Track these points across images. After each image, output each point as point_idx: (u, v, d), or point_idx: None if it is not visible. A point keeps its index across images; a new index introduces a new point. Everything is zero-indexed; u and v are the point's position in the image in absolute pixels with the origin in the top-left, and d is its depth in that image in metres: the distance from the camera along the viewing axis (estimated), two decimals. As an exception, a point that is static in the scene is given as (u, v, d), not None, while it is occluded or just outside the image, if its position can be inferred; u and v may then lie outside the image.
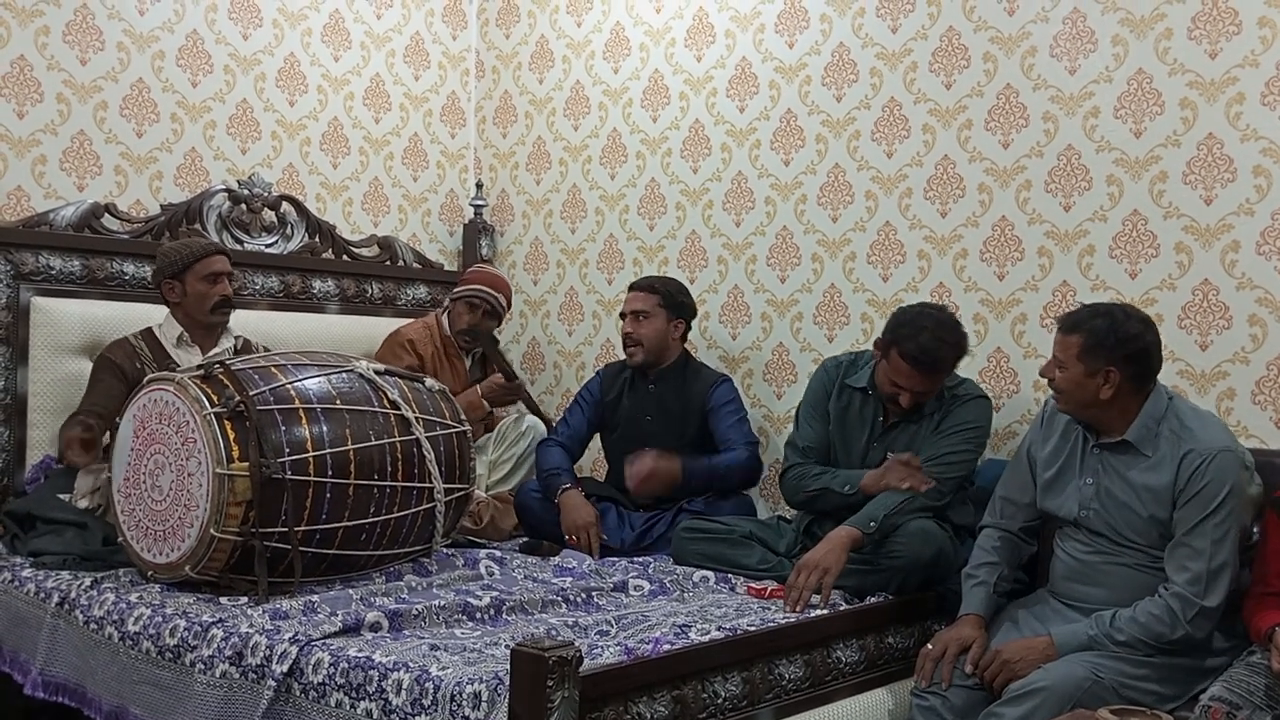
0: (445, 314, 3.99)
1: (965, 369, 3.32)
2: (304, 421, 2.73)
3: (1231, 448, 2.45)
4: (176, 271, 3.38)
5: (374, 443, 2.80)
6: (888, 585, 2.83)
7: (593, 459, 4.04)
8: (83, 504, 3.12)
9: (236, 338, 3.51)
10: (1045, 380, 2.62)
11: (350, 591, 2.66)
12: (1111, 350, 2.46)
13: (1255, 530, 2.52)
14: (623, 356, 3.70)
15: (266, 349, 3.47)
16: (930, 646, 2.58)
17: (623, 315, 3.65)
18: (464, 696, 2.03)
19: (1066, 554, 2.62)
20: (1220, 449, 2.42)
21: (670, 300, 3.60)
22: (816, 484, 3.06)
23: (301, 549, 2.67)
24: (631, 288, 3.67)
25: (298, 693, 2.25)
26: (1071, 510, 2.59)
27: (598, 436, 3.78)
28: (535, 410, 3.96)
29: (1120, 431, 2.52)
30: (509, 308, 4.06)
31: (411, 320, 4.07)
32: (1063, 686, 2.31)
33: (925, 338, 2.89)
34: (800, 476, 3.11)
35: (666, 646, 2.26)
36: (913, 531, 2.82)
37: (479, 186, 4.60)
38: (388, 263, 4.33)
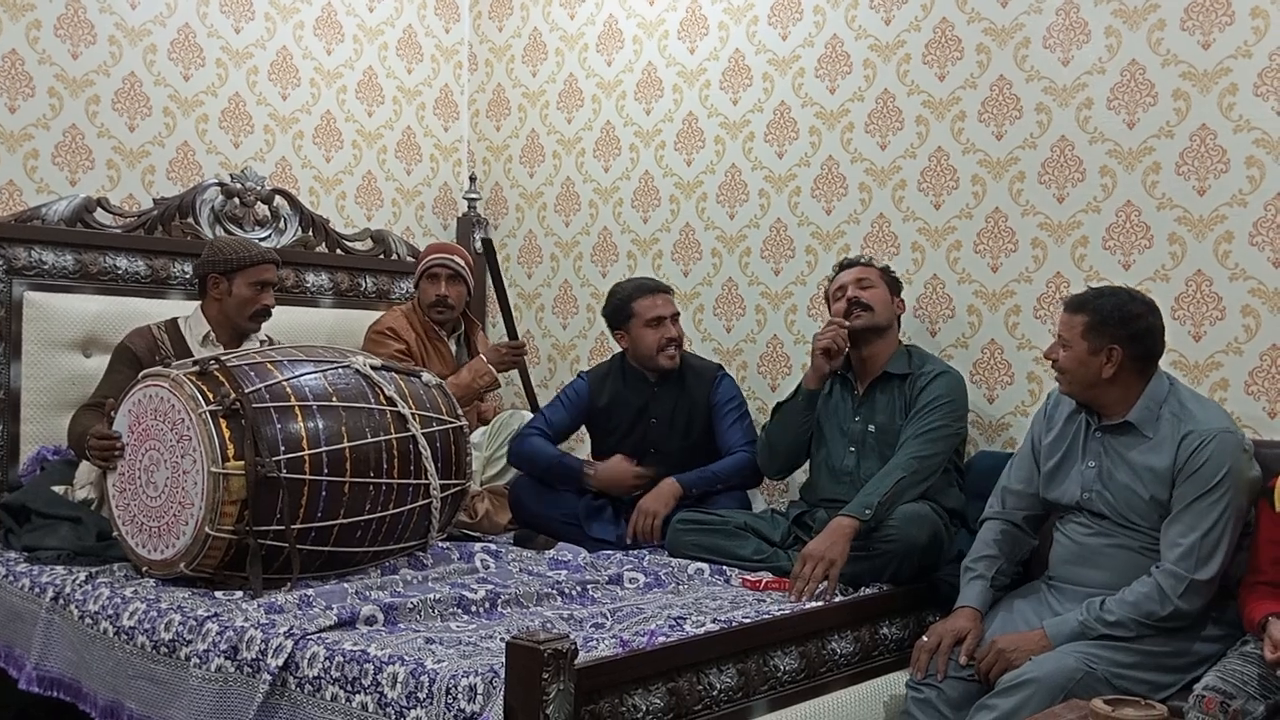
0: (415, 300, 3.96)
1: (958, 360, 3.34)
2: (300, 418, 2.72)
3: (1231, 429, 2.48)
4: (228, 269, 3.32)
5: (370, 440, 2.79)
6: (883, 571, 2.84)
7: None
8: (82, 494, 3.11)
9: (262, 341, 3.45)
10: (1049, 363, 2.65)
11: (345, 585, 2.66)
12: (1115, 328, 2.50)
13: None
14: (607, 357, 3.68)
15: (279, 343, 3.42)
16: (925, 638, 2.59)
17: (657, 320, 3.49)
18: (459, 689, 2.03)
19: (1066, 538, 2.63)
20: (1220, 430, 2.45)
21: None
22: (773, 422, 3.30)
23: (296, 546, 2.66)
24: (658, 291, 3.54)
25: (293, 686, 2.26)
26: (1074, 495, 2.61)
27: (589, 441, 3.75)
28: (527, 387, 3.93)
29: (1122, 413, 2.55)
30: (471, 269, 4.00)
31: (389, 310, 4.02)
32: (1054, 678, 2.31)
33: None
34: (761, 433, 3.41)
35: (661, 639, 2.26)
36: (906, 515, 2.83)
37: (472, 180, 4.59)
38: (381, 256, 4.32)
